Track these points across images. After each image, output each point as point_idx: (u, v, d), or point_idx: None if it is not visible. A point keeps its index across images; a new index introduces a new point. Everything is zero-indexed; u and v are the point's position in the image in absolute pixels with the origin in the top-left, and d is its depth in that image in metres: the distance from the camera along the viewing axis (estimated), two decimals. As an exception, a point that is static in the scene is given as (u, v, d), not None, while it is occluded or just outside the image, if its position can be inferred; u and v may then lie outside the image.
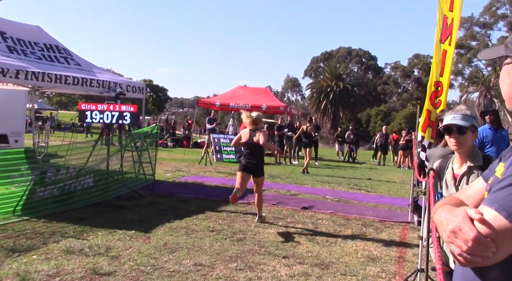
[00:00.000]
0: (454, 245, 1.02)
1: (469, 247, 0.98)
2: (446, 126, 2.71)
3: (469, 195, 1.35)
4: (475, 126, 2.70)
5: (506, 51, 1.21)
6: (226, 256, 4.68)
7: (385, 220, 7.03)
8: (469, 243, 0.98)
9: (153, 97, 58.22)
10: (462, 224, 1.01)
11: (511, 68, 1.20)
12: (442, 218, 1.11)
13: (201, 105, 22.48)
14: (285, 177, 11.94)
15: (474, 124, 2.68)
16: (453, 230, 1.02)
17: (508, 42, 1.21)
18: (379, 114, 54.66)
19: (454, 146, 2.73)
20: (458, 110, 2.78)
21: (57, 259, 4.23)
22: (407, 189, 10.25)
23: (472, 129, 2.67)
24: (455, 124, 2.66)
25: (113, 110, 7.69)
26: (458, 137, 2.66)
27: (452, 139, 2.71)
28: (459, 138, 2.66)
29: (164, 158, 14.44)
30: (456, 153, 2.79)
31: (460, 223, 1.02)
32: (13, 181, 5.90)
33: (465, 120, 2.66)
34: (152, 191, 8.23)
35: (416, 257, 4.82)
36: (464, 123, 2.65)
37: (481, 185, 1.34)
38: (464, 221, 1.02)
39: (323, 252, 5.10)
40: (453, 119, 2.69)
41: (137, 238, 5.15)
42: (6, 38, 8.71)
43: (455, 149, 2.75)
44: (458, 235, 1.01)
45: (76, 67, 9.56)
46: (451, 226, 1.04)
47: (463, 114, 2.70)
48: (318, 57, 68.06)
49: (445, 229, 1.06)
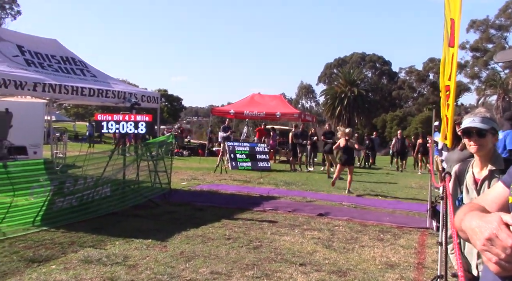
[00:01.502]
0: (490, 253, 0.98)
1: (508, 254, 0.94)
2: (465, 129, 2.67)
3: (490, 201, 1.31)
4: (495, 129, 2.65)
5: None
6: (243, 264, 4.67)
7: (403, 226, 6.93)
8: (507, 250, 0.94)
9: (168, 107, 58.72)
10: (498, 231, 0.97)
11: None
12: (474, 226, 1.06)
13: (216, 114, 22.64)
14: (301, 183, 11.89)
15: (494, 126, 2.63)
16: (489, 238, 0.98)
17: None
18: (395, 119, 54.12)
19: (473, 149, 2.68)
20: (477, 112, 2.73)
21: (76, 269, 4.28)
22: (425, 194, 10.10)
23: (492, 132, 2.62)
24: (474, 127, 2.62)
25: (128, 120, 7.78)
26: (478, 140, 2.61)
27: (472, 142, 2.66)
28: (478, 141, 2.62)
29: (180, 167, 14.52)
30: (476, 156, 2.74)
31: (496, 230, 0.98)
32: (33, 192, 6.00)
33: (484, 122, 2.61)
34: (168, 200, 8.27)
35: (436, 264, 4.74)
36: (483, 126, 2.60)
37: (502, 190, 1.31)
38: (500, 227, 0.97)
39: (340, 259, 5.04)
40: (472, 122, 2.64)
41: (154, 247, 5.18)
42: (24, 51, 8.93)
43: (474, 152, 2.70)
44: (494, 242, 0.97)
45: (92, 79, 9.73)
46: (486, 233, 0.99)
47: (483, 116, 2.65)
48: (331, 63, 67.86)
49: (479, 236, 1.01)
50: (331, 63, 67.86)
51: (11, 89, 7.53)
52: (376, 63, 66.64)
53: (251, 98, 21.31)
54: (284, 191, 10.33)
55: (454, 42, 5.55)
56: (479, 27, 48.57)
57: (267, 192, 10.04)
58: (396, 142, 19.84)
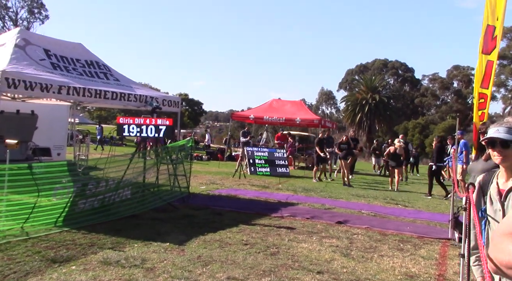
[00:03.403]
0: None
1: None
2: (489, 139, 2.61)
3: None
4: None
5: None
6: (260, 270, 4.65)
7: (424, 236, 6.80)
8: None
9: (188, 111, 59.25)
10: None
11: None
12: None
13: (236, 119, 22.69)
14: (320, 190, 11.80)
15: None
16: None
17: None
18: (417, 127, 53.30)
19: (498, 160, 2.62)
20: (503, 122, 2.66)
21: (95, 270, 4.33)
22: (447, 204, 9.89)
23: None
24: (498, 138, 2.56)
25: (149, 124, 7.88)
26: (502, 151, 2.55)
27: (496, 152, 2.60)
28: (503, 152, 2.55)
29: (199, 171, 14.61)
30: (501, 167, 2.68)
31: None
32: (56, 193, 6.13)
33: (509, 133, 2.55)
34: (186, 204, 8.32)
35: (457, 276, 4.64)
36: (508, 137, 2.53)
37: None
38: None
39: (358, 268, 4.98)
40: (497, 132, 2.58)
41: (172, 250, 5.21)
42: (50, 55, 9.16)
43: (499, 163, 2.64)
44: None
45: (115, 83, 9.91)
46: None
47: (508, 127, 2.58)
48: (353, 70, 67.43)
49: None
50: (353, 69, 67.43)
51: (37, 91, 7.75)
52: (399, 69, 65.88)
53: (271, 103, 21.32)
54: (302, 197, 10.28)
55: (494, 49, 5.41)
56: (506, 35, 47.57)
57: (285, 198, 10.01)
58: None
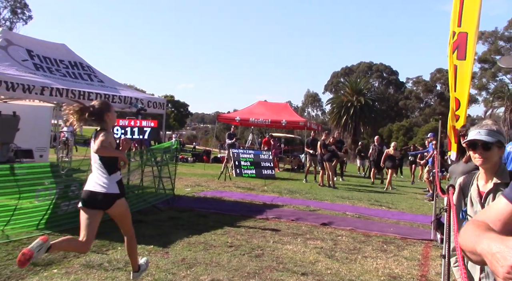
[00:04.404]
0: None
1: None
2: (471, 142, 2.65)
3: (494, 218, 1.26)
4: (502, 142, 2.62)
5: None
6: (244, 272, 4.65)
7: (407, 238, 6.88)
8: None
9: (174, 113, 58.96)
10: None
11: None
12: (495, 250, 0.99)
13: (222, 121, 22.66)
14: (305, 192, 11.85)
15: (500, 139, 2.60)
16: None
17: None
18: (401, 129, 53.95)
19: (478, 162, 2.67)
20: (483, 125, 2.70)
21: (77, 273, 4.28)
22: (430, 206, 10.03)
23: (498, 145, 2.59)
24: (479, 140, 2.59)
25: (134, 126, 7.83)
26: (483, 153, 2.59)
27: (477, 155, 2.64)
28: (484, 154, 2.59)
29: (184, 173, 14.54)
30: (481, 169, 2.72)
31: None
32: (38, 195, 6.03)
33: (490, 135, 2.59)
34: (171, 206, 8.28)
35: (439, 277, 4.70)
36: (489, 139, 2.57)
37: (505, 206, 1.26)
38: None
39: (342, 269, 5.01)
40: (478, 135, 2.62)
41: (156, 253, 5.18)
42: (33, 56, 9.03)
43: (479, 165, 2.68)
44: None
45: (99, 84, 9.80)
46: (511, 260, 0.93)
47: (489, 129, 2.62)
48: (338, 72, 67.95)
49: (503, 263, 0.94)
50: (338, 72, 67.96)
51: (19, 92, 7.61)
52: (383, 72, 66.63)
53: (257, 105, 21.37)
54: (287, 199, 10.31)
55: (454, 52, 5.54)
56: (487, 39, 48.47)
57: (270, 200, 10.03)
58: (373, 150, 16.90)
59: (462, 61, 5.51)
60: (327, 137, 15.29)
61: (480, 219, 1.29)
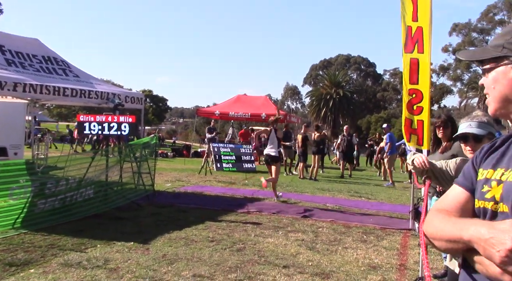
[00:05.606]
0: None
1: None
2: (462, 135, 2.65)
3: (453, 207, 1.26)
4: (492, 134, 2.63)
5: (503, 51, 1.16)
6: (226, 267, 4.64)
7: (386, 228, 6.99)
8: None
9: (153, 107, 58.33)
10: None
11: (509, 70, 1.15)
12: (487, 236, 0.99)
13: (201, 115, 22.51)
14: (285, 185, 11.90)
15: (491, 131, 2.61)
16: None
17: (506, 42, 1.16)
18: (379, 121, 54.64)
19: (470, 154, 2.69)
20: (474, 116, 2.69)
21: (55, 273, 4.20)
22: (408, 196, 10.20)
23: (489, 137, 2.59)
24: (471, 133, 2.60)
25: (111, 121, 7.69)
26: (475, 146, 2.59)
27: (468, 147, 2.65)
28: (475, 146, 2.61)
29: (164, 168, 14.42)
30: None
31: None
32: (12, 193, 5.87)
33: (481, 127, 2.58)
34: (151, 202, 8.20)
35: (417, 265, 4.79)
36: (480, 132, 2.57)
37: (461, 194, 1.27)
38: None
39: (323, 261, 5.06)
40: (469, 127, 2.62)
41: (136, 249, 5.12)
42: (5, 51, 8.74)
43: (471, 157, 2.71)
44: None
45: (74, 79, 9.58)
46: (509, 243, 0.93)
47: (479, 121, 2.62)
48: (317, 65, 68.33)
49: (499, 247, 0.95)
50: (317, 65, 68.34)
51: (-10, 89, 7.37)
52: (361, 65, 67.32)
53: (237, 99, 21.26)
54: (268, 192, 10.31)
55: (414, 47, 5.78)
56: (461, 31, 49.42)
57: (251, 193, 10.04)
58: (342, 140, 16.43)
59: (421, 54, 5.74)
60: (306, 130, 15.40)
61: (441, 207, 1.29)
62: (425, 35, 5.72)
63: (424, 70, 5.76)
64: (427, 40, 5.71)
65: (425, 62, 5.74)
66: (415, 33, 5.76)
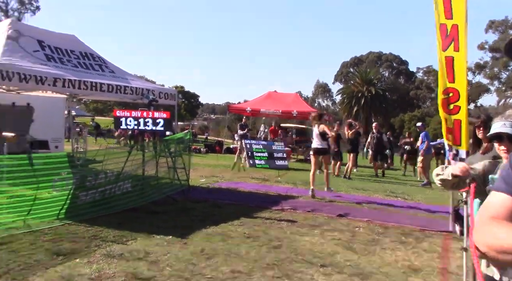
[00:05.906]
0: None
1: None
2: (496, 134, 2.57)
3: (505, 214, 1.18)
4: None
5: None
6: (263, 264, 4.64)
7: (425, 229, 6.81)
8: None
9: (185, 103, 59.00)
10: None
11: None
12: None
13: (232, 111, 22.60)
14: (319, 183, 11.77)
15: None
16: None
17: None
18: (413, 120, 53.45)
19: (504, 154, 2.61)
20: (508, 115, 2.62)
21: (99, 263, 4.30)
22: (446, 197, 9.91)
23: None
24: (505, 132, 2.52)
25: (146, 117, 7.81)
26: (509, 145, 2.53)
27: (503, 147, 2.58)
28: (510, 146, 2.54)
29: (198, 164, 14.56)
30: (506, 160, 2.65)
31: None
32: (55, 185, 6.07)
33: None
34: (186, 197, 8.29)
35: (461, 269, 4.63)
36: None
37: (509, 201, 1.19)
38: None
39: (362, 261, 4.98)
40: (504, 127, 2.55)
41: (174, 243, 5.18)
42: (44, 46, 8.98)
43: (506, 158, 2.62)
44: None
45: (110, 75, 9.77)
46: None
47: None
48: (348, 62, 67.42)
49: None
50: (348, 62, 67.44)
51: (31, 84, 7.59)
52: (393, 62, 65.96)
53: (268, 96, 21.23)
54: (302, 190, 10.26)
55: (449, 45, 5.62)
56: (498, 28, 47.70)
57: (285, 191, 9.99)
58: (371, 138, 15.90)
59: (457, 52, 5.59)
60: (339, 128, 15.25)
61: (490, 215, 1.20)
62: (460, 33, 5.57)
63: (461, 68, 5.62)
64: (462, 38, 5.56)
65: (461, 60, 5.60)
66: (450, 31, 5.62)
